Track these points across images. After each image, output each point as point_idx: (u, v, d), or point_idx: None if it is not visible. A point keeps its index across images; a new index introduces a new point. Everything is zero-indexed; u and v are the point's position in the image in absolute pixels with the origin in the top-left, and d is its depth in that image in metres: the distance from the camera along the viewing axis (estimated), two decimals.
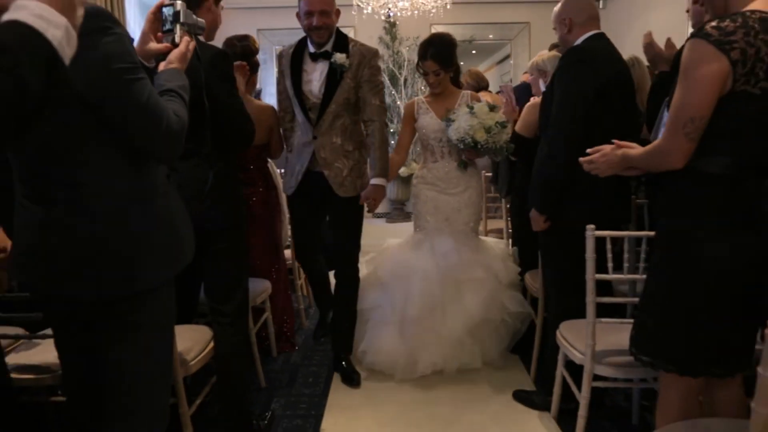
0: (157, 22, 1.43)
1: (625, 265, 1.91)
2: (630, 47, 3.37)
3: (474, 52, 11.29)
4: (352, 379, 2.63)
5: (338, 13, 2.50)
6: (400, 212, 7.03)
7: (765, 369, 1.02)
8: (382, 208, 6.50)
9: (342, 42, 2.52)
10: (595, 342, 1.87)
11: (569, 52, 2.14)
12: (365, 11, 5.04)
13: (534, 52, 7.51)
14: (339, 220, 2.68)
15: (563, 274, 2.20)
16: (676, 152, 1.34)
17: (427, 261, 2.74)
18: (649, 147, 1.44)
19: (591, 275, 1.83)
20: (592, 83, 1.99)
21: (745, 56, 1.22)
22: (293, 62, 2.54)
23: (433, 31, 7.38)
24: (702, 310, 1.37)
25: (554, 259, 2.27)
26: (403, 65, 7.21)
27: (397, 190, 6.84)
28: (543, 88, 2.58)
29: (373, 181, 2.56)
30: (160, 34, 1.42)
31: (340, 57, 2.46)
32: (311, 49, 2.52)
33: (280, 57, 2.64)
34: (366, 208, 2.67)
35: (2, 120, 0.66)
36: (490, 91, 4.64)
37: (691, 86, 1.29)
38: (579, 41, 2.15)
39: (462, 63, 11.59)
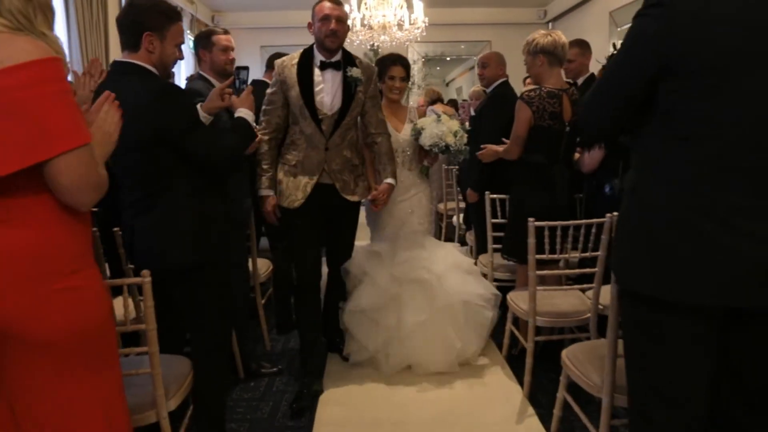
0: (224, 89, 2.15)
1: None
2: None
3: (449, 59, 12.89)
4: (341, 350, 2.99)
5: (347, 27, 2.60)
6: None
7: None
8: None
9: (350, 57, 2.62)
10: (493, 260, 3.28)
11: (495, 96, 3.55)
12: (354, 43, 6.40)
13: None
14: (340, 225, 2.79)
15: (482, 223, 3.58)
16: (513, 152, 2.78)
17: (380, 268, 2.91)
18: (505, 147, 2.87)
19: (488, 219, 3.25)
20: (505, 116, 3.35)
21: (539, 109, 2.65)
22: (301, 73, 2.53)
23: (410, 49, 8.80)
24: (527, 229, 2.75)
25: (478, 215, 3.67)
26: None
27: None
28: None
29: (388, 180, 2.76)
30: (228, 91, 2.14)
31: (356, 71, 2.54)
32: (321, 57, 2.55)
33: (281, 67, 2.58)
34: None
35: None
36: (442, 103, 6.05)
37: (517, 122, 2.72)
38: (495, 85, 3.56)
39: (438, 68, 13.17)
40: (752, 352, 1.35)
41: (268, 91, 2.62)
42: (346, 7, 6.62)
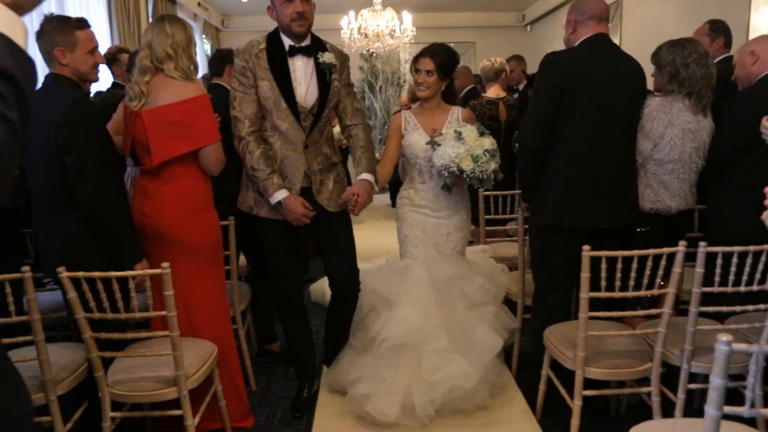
0: None
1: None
2: None
3: None
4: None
5: (314, 6, 2.27)
6: None
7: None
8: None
9: (319, 41, 2.32)
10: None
11: (464, 99, 4.55)
12: (352, 49, 7.36)
13: (479, 65, 10.02)
14: (334, 241, 2.40)
15: None
16: None
17: (413, 296, 2.48)
18: None
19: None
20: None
21: (480, 113, 3.68)
22: (272, 60, 2.22)
23: (402, 50, 9.75)
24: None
25: None
26: (378, 76, 9.59)
27: None
28: None
29: (362, 176, 2.32)
30: None
31: (328, 56, 2.25)
32: (289, 42, 2.25)
33: (248, 54, 2.21)
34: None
35: None
36: None
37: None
38: (465, 91, 4.58)
39: None
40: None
41: (238, 83, 2.23)
42: (345, 19, 7.65)
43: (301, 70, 2.26)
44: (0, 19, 0.70)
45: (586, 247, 1.91)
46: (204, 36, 9.15)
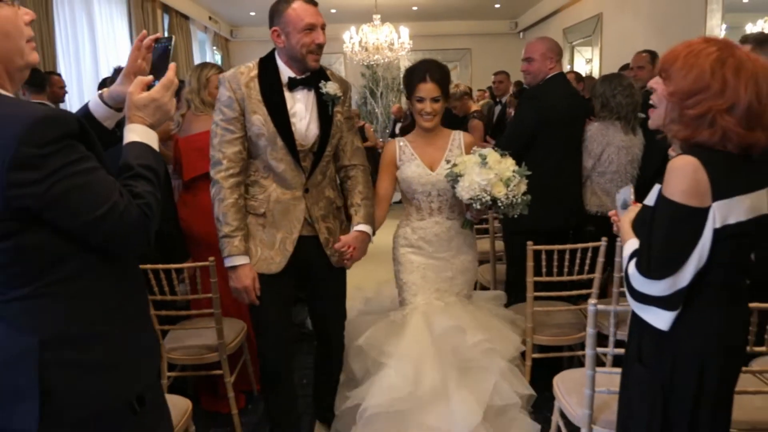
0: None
1: None
2: None
3: None
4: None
5: None
6: None
7: None
8: None
9: (321, 69, 2.05)
10: None
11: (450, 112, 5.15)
12: (354, 61, 7.93)
13: (475, 70, 10.58)
14: (326, 292, 2.25)
15: None
16: None
17: (406, 354, 2.18)
18: None
19: None
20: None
21: (486, 125, 4.25)
22: (266, 91, 1.97)
23: (399, 57, 10.31)
24: None
25: None
26: (379, 82, 10.16)
27: None
28: None
29: (359, 226, 2.10)
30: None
31: (332, 86, 2.02)
32: (289, 73, 1.99)
33: (235, 82, 1.95)
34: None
35: None
36: None
37: (477, 132, 4.31)
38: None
39: None
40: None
41: (221, 116, 1.98)
42: (347, 34, 8.21)
43: (301, 103, 2.02)
44: (145, 136, 1.21)
45: (529, 243, 2.48)
46: (214, 47, 9.75)
